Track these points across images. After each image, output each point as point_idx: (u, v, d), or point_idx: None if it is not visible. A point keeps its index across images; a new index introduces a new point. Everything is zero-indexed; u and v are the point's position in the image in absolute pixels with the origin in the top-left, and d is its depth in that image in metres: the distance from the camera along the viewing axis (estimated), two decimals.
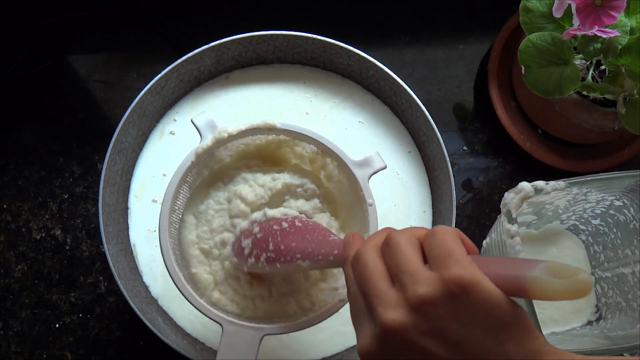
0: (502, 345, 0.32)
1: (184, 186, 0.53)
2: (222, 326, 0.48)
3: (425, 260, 0.35)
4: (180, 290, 0.49)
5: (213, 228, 0.53)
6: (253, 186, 0.53)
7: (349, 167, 0.52)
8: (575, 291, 0.31)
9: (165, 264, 0.49)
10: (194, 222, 0.54)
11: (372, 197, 0.50)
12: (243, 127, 0.52)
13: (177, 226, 0.53)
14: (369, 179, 0.51)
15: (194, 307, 0.49)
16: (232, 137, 0.53)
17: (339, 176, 0.55)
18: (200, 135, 0.52)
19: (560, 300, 0.32)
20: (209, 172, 0.55)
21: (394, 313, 0.33)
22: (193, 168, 0.53)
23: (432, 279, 0.33)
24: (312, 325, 0.49)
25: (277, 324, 0.49)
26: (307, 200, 0.54)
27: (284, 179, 0.54)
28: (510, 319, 0.32)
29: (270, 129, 0.53)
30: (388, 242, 0.36)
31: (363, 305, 0.36)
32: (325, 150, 0.53)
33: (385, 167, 0.52)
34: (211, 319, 0.48)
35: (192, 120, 0.53)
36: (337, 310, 0.49)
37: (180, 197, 0.53)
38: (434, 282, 0.33)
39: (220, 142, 0.52)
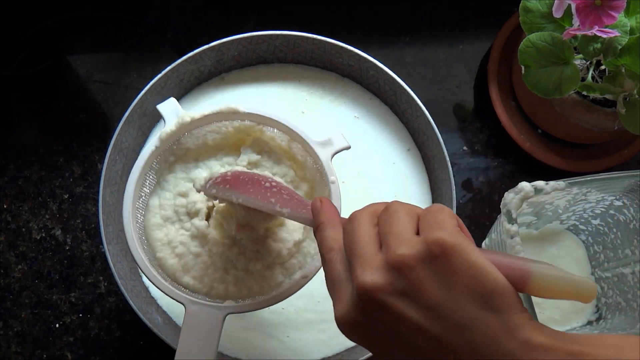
0: (482, 314, 0.30)
1: (149, 173, 0.52)
2: (184, 306, 0.47)
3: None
4: (143, 272, 0.49)
5: (179, 191, 0.52)
6: (217, 167, 0.53)
7: (311, 146, 0.51)
8: (581, 291, 0.31)
9: (129, 248, 0.49)
10: (157, 204, 0.53)
11: (334, 174, 0.50)
12: (206, 112, 0.52)
13: (142, 212, 0.52)
14: (332, 157, 0.51)
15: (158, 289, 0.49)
16: (195, 122, 0.52)
17: (306, 160, 0.54)
18: (164, 121, 0.52)
19: (561, 298, 0.32)
20: (175, 158, 0.54)
21: (372, 274, 0.32)
22: (158, 154, 0.52)
23: (415, 241, 0.32)
24: (275, 303, 0.48)
25: (240, 303, 0.49)
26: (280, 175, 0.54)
27: (250, 158, 0.54)
28: (494, 289, 0.31)
29: (234, 113, 0.52)
30: (387, 209, 0.35)
31: (341, 270, 0.35)
32: (289, 133, 0.53)
33: (349, 147, 0.52)
34: (173, 299, 0.48)
35: (157, 107, 0.53)
36: (300, 288, 0.49)
37: (147, 184, 0.52)
38: (416, 244, 0.32)
39: (184, 127, 0.52)
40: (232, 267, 0.51)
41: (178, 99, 0.66)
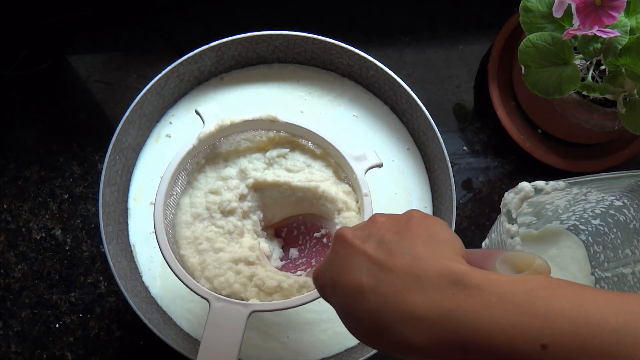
0: (421, 248, 0.35)
1: (182, 173, 0.53)
2: (209, 302, 0.48)
3: None
4: (170, 267, 0.49)
5: (211, 189, 0.53)
6: (248, 164, 0.55)
7: (347, 160, 0.53)
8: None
9: (157, 240, 0.49)
10: (188, 202, 0.54)
11: (367, 188, 0.53)
12: (246, 117, 0.54)
13: (173, 210, 0.53)
14: (366, 172, 0.54)
15: (185, 286, 0.49)
16: (234, 127, 0.54)
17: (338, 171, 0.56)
18: (204, 122, 0.53)
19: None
20: (205, 161, 0.55)
21: (348, 230, 0.39)
22: (194, 154, 0.53)
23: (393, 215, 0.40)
24: (301, 304, 0.49)
25: (265, 302, 0.49)
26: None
27: (279, 152, 0.56)
28: (438, 234, 0.36)
29: (272, 122, 0.54)
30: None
31: None
32: (324, 145, 0.54)
33: (381, 165, 0.54)
34: (198, 294, 0.48)
35: (196, 111, 0.54)
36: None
37: (179, 184, 0.53)
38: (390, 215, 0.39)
39: (222, 130, 0.53)
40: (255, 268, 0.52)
41: (178, 99, 0.66)
